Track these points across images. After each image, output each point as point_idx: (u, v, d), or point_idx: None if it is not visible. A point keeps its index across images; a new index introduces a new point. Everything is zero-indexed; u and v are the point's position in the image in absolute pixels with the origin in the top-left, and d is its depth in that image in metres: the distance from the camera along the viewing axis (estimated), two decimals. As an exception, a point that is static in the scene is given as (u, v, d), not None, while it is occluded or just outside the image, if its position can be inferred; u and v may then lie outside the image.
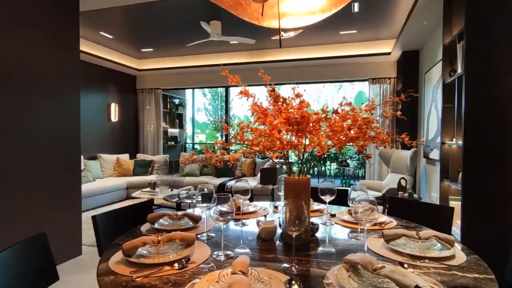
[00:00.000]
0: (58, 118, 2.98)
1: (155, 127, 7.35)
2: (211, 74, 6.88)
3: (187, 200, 4.39)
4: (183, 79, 7.11)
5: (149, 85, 7.33)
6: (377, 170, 5.79)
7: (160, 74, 7.13)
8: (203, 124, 12.12)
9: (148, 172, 6.46)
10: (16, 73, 2.54)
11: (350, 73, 5.96)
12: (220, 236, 1.49)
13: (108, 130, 6.57)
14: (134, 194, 4.93)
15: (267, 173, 5.27)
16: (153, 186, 4.96)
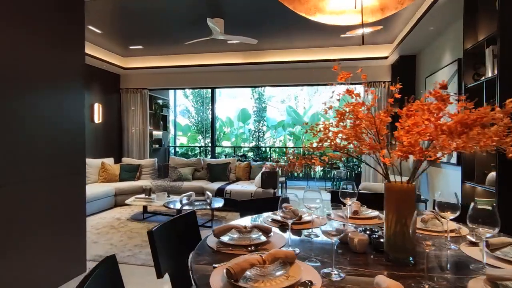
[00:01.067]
0: (62, 120, 2.66)
1: (141, 129, 6.94)
2: (200, 74, 6.62)
3: (188, 206, 4.13)
4: (171, 79, 6.79)
5: (134, 85, 6.91)
6: (372, 173, 5.87)
7: (147, 73, 6.75)
8: (186, 126, 11.72)
9: (135, 177, 6.06)
10: (18, 73, 2.21)
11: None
12: (304, 249, 1.34)
13: (91, 132, 6.09)
14: (128, 201, 4.57)
15: (267, 177, 5.14)
16: (148, 192, 4.63)
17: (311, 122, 10.33)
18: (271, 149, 10.81)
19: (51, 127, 2.55)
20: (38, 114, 2.42)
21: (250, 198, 5.01)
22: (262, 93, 10.63)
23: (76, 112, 2.83)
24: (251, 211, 2.16)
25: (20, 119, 2.25)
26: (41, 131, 2.46)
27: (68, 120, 2.73)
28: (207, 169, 6.22)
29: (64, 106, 2.69)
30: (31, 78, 2.34)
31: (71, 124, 2.77)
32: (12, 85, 2.17)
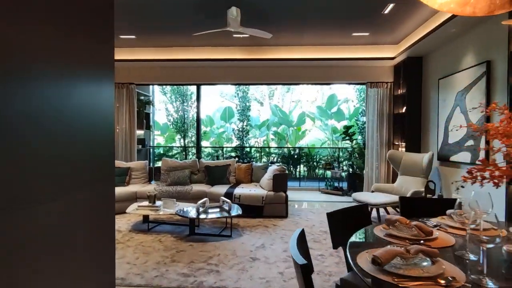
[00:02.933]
0: (93, 117, 2.15)
1: (127, 128, 6.27)
2: (186, 70, 6.16)
3: (204, 215, 3.72)
4: (159, 73, 6.23)
5: (120, 79, 6.21)
6: (376, 173, 5.86)
7: (136, 66, 6.11)
8: (164, 125, 10.97)
9: (125, 182, 5.43)
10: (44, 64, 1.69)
11: (349, 76, 5.93)
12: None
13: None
14: (129, 210, 4.02)
15: (279, 179, 4.86)
16: (153, 200, 4.12)
17: (299, 121, 10.25)
18: (262, 149, 10.53)
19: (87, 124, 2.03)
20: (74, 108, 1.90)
21: (262, 204, 4.71)
22: (246, 91, 10.31)
23: (107, 107, 2.30)
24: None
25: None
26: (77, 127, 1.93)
27: (101, 116, 2.22)
28: (204, 171, 5.77)
29: (97, 100, 2.16)
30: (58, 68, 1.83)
31: (103, 120, 2.26)
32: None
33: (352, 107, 10.30)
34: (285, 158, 9.83)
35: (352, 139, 7.79)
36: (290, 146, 10.56)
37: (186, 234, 3.89)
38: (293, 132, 10.58)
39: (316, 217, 4.78)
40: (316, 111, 10.35)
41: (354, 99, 10.52)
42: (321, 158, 10.06)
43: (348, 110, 10.48)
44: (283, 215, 4.76)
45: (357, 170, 7.53)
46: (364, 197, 4.33)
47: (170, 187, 4.31)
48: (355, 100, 10.29)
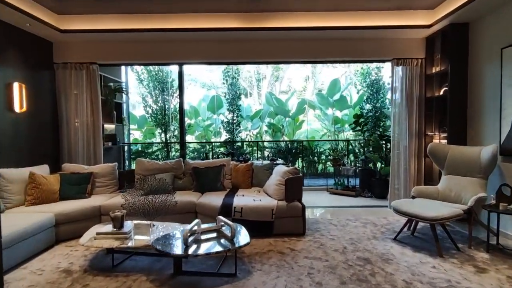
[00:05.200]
0: None
1: (89, 121, 4.88)
2: (166, 45, 4.83)
3: (195, 248, 2.50)
4: (129, 50, 4.86)
5: (77, 57, 4.79)
6: (403, 171, 4.76)
7: (98, 40, 4.70)
8: (142, 118, 9.51)
9: (86, 192, 4.09)
10: None
11: (370, 51, 4.76)
12: None
13: (9, 127, 3.92)
14: (83, 241, 2.72)
15: (293, 184, 3.66)
16: (119, 223, 2.84)
17: (298, 111, 9.04)
18: (256, 143, 9.30)
19: None
20: None
21: (271, 219, 3.51)
22: (236, 76, 9.01)
23: None
24: None
25: None
26: None
27: None
28: (192, 174, 4.51)
29: None
30: None
31: None
32: None
33: (355, 93, 9.20)
34: (282, 153, 8.66)
35: (364, 129, 6.70)
36: (287, 139, 9.39)
37: (169, 273, 2.65)
38: (290, 123, 9.41)
39: (343, 233, 3.63)
40: (316, 99, 9.19)
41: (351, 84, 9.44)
42: (322, 152, 8.97)
43: (350, 97, 9.38)
44: (299, 232, 3.58)
45: (372, 166, 6.46)
46: (413, 208, 3.20)
47: (146, 200, 3.03)
48: (346, 85, 9.20)
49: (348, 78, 11.34)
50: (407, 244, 3.24)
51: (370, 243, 3.28)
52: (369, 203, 5.16)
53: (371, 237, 3.48)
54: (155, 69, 9.09)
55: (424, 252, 3.03)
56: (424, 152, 4.67)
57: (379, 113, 7.60)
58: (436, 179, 4.37)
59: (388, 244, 3.25)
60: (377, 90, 7.82)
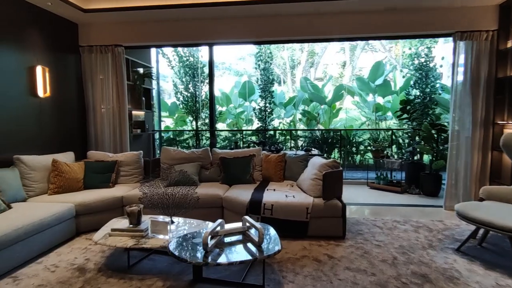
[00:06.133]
0: None
1: (115, 107, 4.70)
2: (195, 23, 4.44)
3: (215, 255, 2.13)
4: (159, 30, 4.54)
5: (102, 39, 4.58)
6: (464, 166, 4.04)
7: (122, 20, 4.44)
8: (173, 105, 9.37)
9: (110, 182, 3.91)
10: None
11: (425, 24, 4.03)
12: None
13: (32, 112, 3.80)
14: (97, 239, 2.46)
15: (331, 180, 3.16)
16: (136, 219, 2.55)
17: (335, 97, 8.35)
18: (289, 132, 8.83)
19: None
20: None
21: (306, 218, 3.06)
22: (269, 61, 8.50)
23: None
24: None
25: None
26: None
27: None
28: (219, 165, 4.16)
29: None
30: None
31: None
32: None
33: (400, 78, 8.30)
34: (317, 143, 8.09)
35: (411, 117, 5.93)
36: (322, 127, 8.77)
37: (189, 278, 2.33)
38: (326, 110, 8.75)
39: (391, 238, 3.09)
40: (356, 84, 8.42)
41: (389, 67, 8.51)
42: (361, 142, 8.26)
43: (394, 82, 8.49)
44: (338, 235, 3.10)
45: (421, 160, 5.72)
46: (487, 214, 2.57)
47: (165, 194, 2.71)
48: (391, 68, 8.28)
49: (388, 64, 10.36)
50: (475, 258, 2.64)
51: (427, 254, 2.72)
52: (419, 202, 4.51)
53: (426, 245, 2.91)
54: (185, 54, 8.84)
55: (499, 271, 2.43)
56: (492, 144, 3.92)
57: (428, 99, 6.75)
58: (507, 177, 3.63)
59: (449, 257, 2.67)
60: (426, 73, 6.93)
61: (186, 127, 9.71)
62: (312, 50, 13.98)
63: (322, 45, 13.46)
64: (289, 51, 13.71)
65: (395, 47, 12.04)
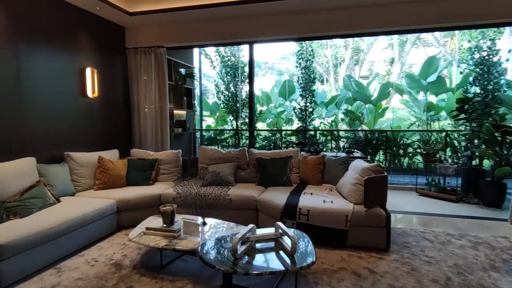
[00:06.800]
0: None
1: (157, 107, 4.84)
2: (236, 21, 4.38)
3: (244, 264, 2.02)
4: (199, 29, 4.57)
5: (145, 41, 4.75)
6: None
7: (164, 21, 4.56)
8: (214, 104, 9.53)
9: (150, 179, 4.02)
10: None
11: (491, 11, 3.55)
12: None
13: (82, 111, 4.05)
14: (132, 237, 2.51)
15: (375, 186, 2.91)
16: (169, 219, 2.55)
17: (381, 96, 7.84)
18: (330, 133, 8.52)
19: None
20: None
21: (345, 227, 2.84)
22: (311, 59, 8.24)
23: None
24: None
25: None
26: None
27: None
28: (256, 166, 4.08)
29: None
30: None
31: None
32: None
33: (456, 74, 7.53)
34: (360, 144, 7.66)
35: (470, 118, 5.32)
36: (366, 128, 8.30)
37: (218, 284, 2.27)
38: (370, 110, 8.26)
39: (444, 254, 2.75)
40: (405, 81, 7.81)
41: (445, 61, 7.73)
42: (410, 144, 7.65)
43: (449, 79, 7.74)
44: (382, 247, 2.84)
45: (480, 165, 5.12)
46: None
47: (198, 195, 2.69)
48: (446, 63, 7.50)
49: (443, 59, 9.48)
50: (550, 286, 2.23)
51: (488, 276, 2.36)
52: (478, 213, 4.01)
53: (487, 265, 2.54)
54: (227, 54, 8.92)
55: None
56: None
57: (490, 97, 6.03)
58: None
59: (517, 281, 2.29)
60: (488, 68, 6.21)
61: (227, 126, 9.81)
62: (357, 47, 13.36)
63: (368, 41, 12.80)
64: (332, 48, 13.25)
65: (450, 41, 11.02)
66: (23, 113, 3.26)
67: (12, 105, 3.15)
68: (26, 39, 3.26)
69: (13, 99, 3.16)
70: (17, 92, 3.20)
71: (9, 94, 3.12)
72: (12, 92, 3.15)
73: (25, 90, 3.27)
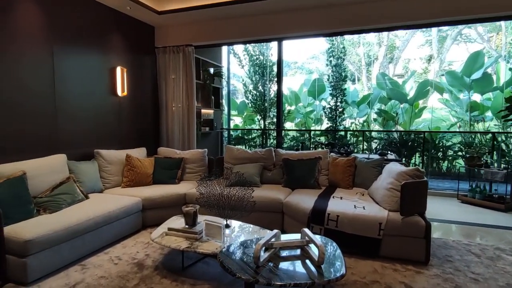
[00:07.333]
0: None
1: (184, 105, 4.84)
2: (264, 17, 4.24)
3: (267, 273, 1.88)
4: (226, 27, 4.50)
5: (174, 40, 4.76)
6: None
7: (192, 20, 4.53)
8: (242, 103, 9.49)
9: (176, 178, 4.01)
10: None
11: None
12: None
13: (112, 110, 4.12)
14: (154, 237, 2.46)
15: (413, 192, 2.65)
16: (191, 220, 2.47)
17: (418, 94, 7.36)
18: (365, 134, 8.17)
19: None
20: None
21: (378, 235, 2.62)
22: (342, 56, 7.91)
23: None
24: None
25: None
26: None
27: None
28: (282, 167, 3.93)
29: None
30: None
31: None
32: None
33: (504, 71, 6.87)
34: (394, 145, 7.24)
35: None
36: (401, 129, 7.84)
37: (239, 290, 2.15)
38: (406, 110, 7.79)
39: (493, 272, 2.44)
40: (446, 79, 7.27)
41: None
42: (450, 147, 7.10)
43: (497, 75, 7.09)
44: (420, 259, 2.58)
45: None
46: None
47: (222, 196, 2.60)
48: (494, 58, 6.84)
49: (487, 55, 8.72)
50: None
51: (548, 301, 2.05)
52: (531, 225, 3.57)
53: (547, 288, 2.21)
54: (255, 52, 8.84)
55: None
56: None
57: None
58: None
59: None
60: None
61: (255, 126, 9.73)
62: (392, 44, 12.73)
63: (404, 38, 12.15)
64: (365, 46, 12.74)
65: (496, 36, 10.14)
66: (57, 113, 3.36)
67: (47, 105, 3.25)
68: (60, 40, 3.36)
69: (48, 99, 3.26)
70: (51, 93, 3.29)
71: (44, 95, 3.23)
72: (47, 93, 3.25)
73: (59, 90, 3.37)
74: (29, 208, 2.60)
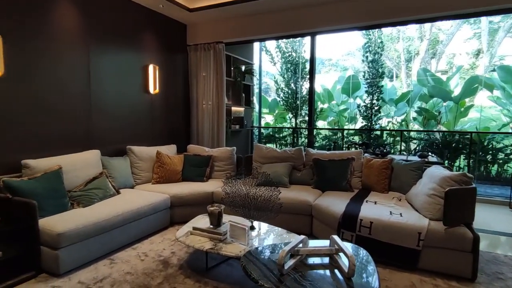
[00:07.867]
0: None
1: (214, 103, 4.82)
2: (297, 12, 4.08)
3: (291, 282, 1.76)
4: (257, 22, 4.40)
5: (205, 37, 4.76)
6: None
7: (222, 16, 4.49)
8: (273, 101, 9.37)
9: (205, 176, 4.00)
10: None
11: None
12: None
13: (144, 107, 4.20)
14: (179, 235, 2.44)
15: (459, 200, 2.39)
16: (216, 220, 2.42)
17: (465, 92, 6.78)
18: (403, 134, 7.74)
19: None
20: None
21: (417, 246, 2.39)
22: (379, 51, 7.50)
23: None
24: None
25: None
26: None
27: None
28: (313, 167, 3.76)
29: None
30: None
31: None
32: None
33: None
34: (436, 147, 6.73)
35: None
36: (444, 129, 7.28)
37: (263, 296, 2.05)
38: (450, 108, 7.20)
39: (554, 294, 2.13)
40: (498, 74, 6.61)
41: None
42: (501, 149, 6.45)
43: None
44: (465, 275, 2.32)
45: None
46: None
47: (247, 197, 2.51)
48: None
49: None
50: None
51: None
52: None
53: None
54: (288, 49, 8.66)
55: None
56: None
57: None
58: None
59: None
60: None
61: (286, 124, 9.57)
62: (435, 38, 11.88)
63: (449, 31, 11.28)
64: (405, 41, 12.03)
65: None
66: (92, 111, 3.47)
67: (83, 104, 3.37)
68: (96, 40, 3.46)
69: (84, 98, 3.38)
70: (87, 92, 3.41)
71: (81, 94, 3.34)
72: (83, 92, 3.36)
73: (94, 89, 3.48)
74: (64, 201, 2.70)
